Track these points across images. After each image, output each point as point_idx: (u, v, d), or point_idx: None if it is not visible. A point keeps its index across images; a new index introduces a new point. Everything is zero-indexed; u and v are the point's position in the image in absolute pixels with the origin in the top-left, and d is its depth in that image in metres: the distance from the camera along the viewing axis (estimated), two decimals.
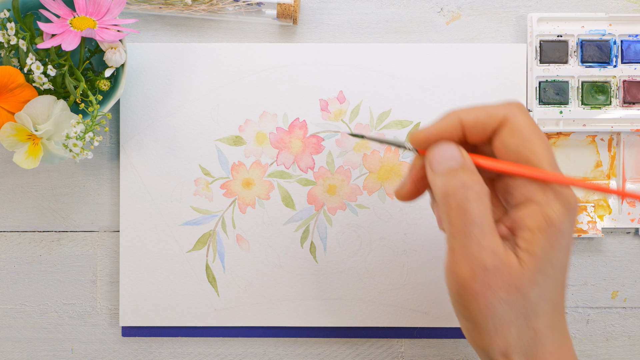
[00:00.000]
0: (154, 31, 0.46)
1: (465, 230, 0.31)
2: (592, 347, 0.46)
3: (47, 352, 0.46)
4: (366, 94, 0.46)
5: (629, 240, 0.46)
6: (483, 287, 0.31)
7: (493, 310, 0.31)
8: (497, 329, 0.32)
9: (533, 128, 0.32)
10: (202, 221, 0.45)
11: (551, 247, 0.32)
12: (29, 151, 0.40)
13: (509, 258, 0.31)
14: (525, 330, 0.32)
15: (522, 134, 0.32)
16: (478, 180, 0.32)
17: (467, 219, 0.31)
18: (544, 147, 0.32)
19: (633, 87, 0.45)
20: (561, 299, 0.33)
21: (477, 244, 0.31)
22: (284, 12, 0.45)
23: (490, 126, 0.33)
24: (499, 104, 0.33)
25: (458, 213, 0.32)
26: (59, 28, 0.40)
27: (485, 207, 0.31)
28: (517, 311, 0.32)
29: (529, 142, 0.32)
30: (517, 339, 0.32)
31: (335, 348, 0.46)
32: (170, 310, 0.45)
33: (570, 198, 0.32)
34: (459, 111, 0.34)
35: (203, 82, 0.46)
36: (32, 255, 0.46)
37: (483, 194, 0.32)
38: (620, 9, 0.47)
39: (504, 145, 0.33)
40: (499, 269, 0.31)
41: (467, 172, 0.32)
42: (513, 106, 0.33)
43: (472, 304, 0.32)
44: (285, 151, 0.46)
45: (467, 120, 0.33)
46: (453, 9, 0.47)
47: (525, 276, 0.31)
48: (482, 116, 0.33)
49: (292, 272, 0.45)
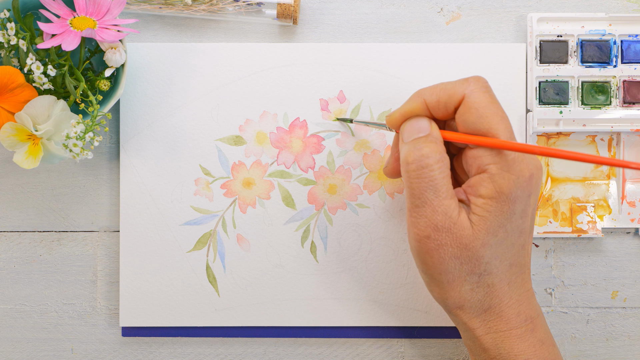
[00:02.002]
0: (154, 31, 0.46)
1: (421, 194, 0.35)
2: (592, 347, 0.46)
3: (47, 352, 0.46)
4: (366, 94, 0.46)
5: (629, 240, 0.46)
6: (435, 244, 0.35)
7: (445, 265, 0.35)
8: (450, 283, 0.36)
9: (489, 104, 0.35)
10: (203, 221, 0.45)
11: (502, 213, 0.35)
12: (29, 151, 0.40)
13: (461, 220, 0.35)
14: (479, 286, 0.36)
15: (477, 111, 0.35)
16: (438, 149, 0.35)
17: (423, 183, 0.35)
18: (500, 122, 0.35)
19: (633, 87, 0.45)
20: (520, 258, 0.37)
21: (430, 206, 0.35)
22: (284, 12, 0.45)
23: (451, 104, 0.36)
24: (458, 81, 0.36)
25: (416, 178, 0.35)
26: (59, 28, 0.40)
27: (441, 174, 0.35)
28: (469, 268, 0.35)
29: (484, 118, 0.35)
30: (470, 293, 0.36)
31: (335, 348, 0.46)
32: (170, 310, 0.45)
33: (524, 169, 0.35)
34: (423, 91, 0.37)
35: (203, 82, 0.46)
36: (32, 255, 0.46)
37: (441, 162, 0.35)
38: (620, 9, 0.47)
39: (463, 121, 0.36)
40: (451, 229, 0.35)
41: (430, 142, 0.36)
42: (471, 83, 0.36)
43: (427, 259, 0.36)
44: (285, 151, 0.46)
45: (430, 101, 0.36)
46: (453, 9, 0.47)
47: (477, 238, 0.35)
48: (443, 96, 0.36)
49: (292, 272, 0.45)
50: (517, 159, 0.35)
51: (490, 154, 0.35)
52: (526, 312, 0.36)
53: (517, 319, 0.36)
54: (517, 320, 0.36)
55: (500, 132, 0.35)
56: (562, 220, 0.46)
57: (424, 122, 0.36)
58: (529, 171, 0.35)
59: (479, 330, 0.37)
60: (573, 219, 0.46)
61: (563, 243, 0.46)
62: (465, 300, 0.36)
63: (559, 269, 0.46)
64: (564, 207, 0.46)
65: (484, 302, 0.36)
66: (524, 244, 0.36)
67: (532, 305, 0.37)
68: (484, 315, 0.36)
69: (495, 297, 0.36)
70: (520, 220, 0.35)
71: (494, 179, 0.35)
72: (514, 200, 0.35)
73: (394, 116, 0.38)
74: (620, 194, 0.46)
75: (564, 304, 0.46)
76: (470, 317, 0.36)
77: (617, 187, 0.46)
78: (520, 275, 0.37)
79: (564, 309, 0.46)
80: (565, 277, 0.46)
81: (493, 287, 0.36)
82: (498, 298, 0.36)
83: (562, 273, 0.46)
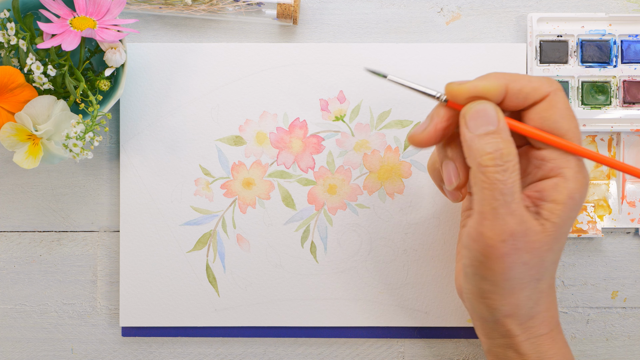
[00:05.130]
0: (154, 31, 0.46)
1: (498, 196, 0.33)
2: (592, 347, 0.46)
3: (47, 352, 0.46)
4: (366, 94, 0.46)
5: (629, 240, 0.46)
6: (510, 249, 0.33)
7: (514, 272, 0.33)
8: (512, 289, 0.34)
9: (570, 109, 0.35)
10: (203, 221, 0.45)
11: (569, 218, 0.34)
12: (29, 151, 0.40)
13: (534, 225, 0.33)
14: (535, 292, 0.35)
15: (561, 111, 0.34)
16: (513, 148, 0.33)
17: (500, 185, 0.33)
18: (577, 127, 0.34)
19: (633, 87, 0.45)
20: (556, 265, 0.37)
21: (507, 209, 0.33)
22: (284, 12, 0.45)
23: (532, 98, 0.34)
24: (542, 78, 0.35)
25: (492, 178, 0.33)
26: (59, 28, 0.40)
27: (516, 175, 0.33)
28: (533, 274, 0.34)
29: (566, 119, 0.34)
30: (526, 300, 0.35)
31: (335, 348, 0.46)
32: (170, 310, 0.45)
33: (586, 176, 0.35)
34: (505, 75, 0.34)
35: (203, 82, 0.46)
36: (32, 255, 0.46)
37: (516, 163, 0.33)
38: (620, 9, 0.47)
39: (541, 117, 0.34)
40: (526, 233, 0.33)
41: (504, 139, 0.33)
42: (555, 84, 0.35)
43: (496, 265, 0.33)
44: (285, 151, 0.46)
45: (513, 88, 0.34)
46: (453, 9, 0.47)
47: (546, 243, 0.34)
48: (527, 87, 0.34)
49: (292, 272, 0.45)
50: (583, 165, 0.35)
51: (565, 157, 0.34)
52: (555, 317, 0.37)
53: (552, 322, 0.36)
54: (552, 323, 0.36)
55: (576, 138, 0.34)
56: None
57: (493, 112, 0.34)
58: (588, 178, 0.35)
59: (521, 337, 0.35)
60: None
61: None
62: (519, 308, 0.35)
63: (559, 269, 0.46)
64: None
65: (533, 308, 0.35)
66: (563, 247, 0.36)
67: (557, 310, 0.37)
68: (530, 321, 0.35)
69: (542, 302, 0.35)
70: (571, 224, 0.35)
71: (567, 184, 0.34)
72: (580, 206, 0.34)
73: (462, 88, 0.34)
74: (620, 194, 0.46)
75: (564, 304, 0.46)
76: (517, 324, 0.35)
77: (617, 187, 0.46)
78: (554, 278, 0.37)
79: (564, 309, 0.46)
80: (565, 277, 0.46)
81: (543, 292, 0.35)
82: (544, 304, 0.35)
83: (562, 273, 0.46)
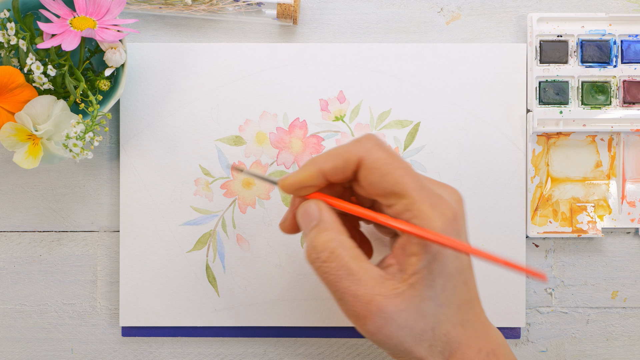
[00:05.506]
0: (154, 31, 0.46)
1: (337, 286, 0.33)
2: (592, 347, 0.46)
3: (47, 352, 0.46)
4: (366, 94, 0.46)
5: (629, 240, 0.46)
6: (376, 327, 0.33)
7: (396, 339, 0.34)
8: (408, 349, 0.34)
9: (388, 160, 0.34)
10: (202, 221, 0.45)
11: (435, 261, 0.33)
12: (29, 151, 0.40)
13: (393, 288, 0.33)
14: (435, 339, 0.34)
15: (379, 170, 0.34)
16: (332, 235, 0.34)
17: (332, 274, 0.33)
18: (404, 174, 0.34)
19: (633, 87, 0.45)
20: (467, 295, 0.35)
21: (352, 295, 0.33)
22: (284, 12, 0.45)
23: (349, 169, 0.35)
24: (352, 143, 0.35)
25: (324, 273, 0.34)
26: (59, 28, 0.40)
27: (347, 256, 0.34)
28: (419, 329, 0.34)
29: (387, 176, 0.34)
30: (429, 349, 0.34)
31: (335, 348, 0.46)
32: (170, 310, 0.45)
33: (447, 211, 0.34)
34: (317, 159, 0.35)
35: (203, 82, 0.46)
36: (32, 255, 0.46)
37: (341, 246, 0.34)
38: (620, 9, 0.47)
39: (368, 182, 0.34)
40: (384, 305, 0.33)
41: (322, 231, 0.34)
42: (365, 144, 0.35)
43: (376, 340, 0.34)
44: (285, 151, 0.46)
45: (326, 169, 0.35)
46: (453, 9, 0.47)
47: (415, 296, 0.33)
48: (339, 162, 0.35)
49: (292, 272, 0.45)
50: (437, 202, 0.34)
51: (408, 208, 0.33)
52: (487, 347, 0.35)
53: (478, 357, 0.35)
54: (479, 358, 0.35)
55: (407, 184, 0.33)
56: (562, 220, 0.46)
57: (314, 208, 0.35)
58: (452, 212, 0.34)
59: None
60: (573, 219, 0.46)
61: (563, 243, 0.46)
62: (427, 357, 0.35)
63: (559, 269, 0.46)
64: (564, 207, 0.46)
65: (444, 352, 0.35)
66: (466, 280, 0.35)
67: (491, 337, 0.36)
68: None
69: (454, 342, 0.35)
70: (456, 260, 0.34)
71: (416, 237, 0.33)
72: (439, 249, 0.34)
73: (287, 182, 0.36)
74: (620, 194, 0.46)
75: (564, 304, 0.46)
76: None
77: (617, 187, 0.46)
78: (472, 311, 0.36)
79: (564, 309, 0.46)
80: (565, 277, 0.46)
81: (449, 334, 0.34)
82: (457, 342, 0.35)
83: (562, 273, 0.46)
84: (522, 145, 0.45)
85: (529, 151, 0.46)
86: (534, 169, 0.46)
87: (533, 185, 0.46)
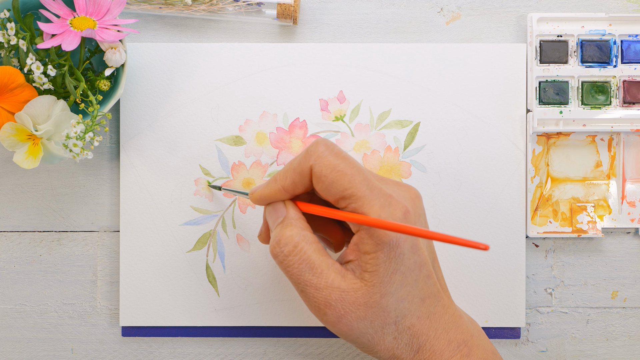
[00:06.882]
0: (154, 31, 0.46)
1: (299, 279, 0.35)
2: (592, 347, 0.46)
3: (47, 352, 0.46)
4: (366, 94, 0.46)
5: (629, 240, 0.46)
6: (336, 317, 0.35)
7: (357, 330, 0.35)
8: (371, 341, 0.35)
9: (335, 167, 0.35)
10: (202, 221, 0.45)
11: (390, 259, 0.34)
12: (29, 151, 0.40)
13: (352, 284, 0.35)
14: (400, 332, 0.35)
15: (326, 179, 0.35)
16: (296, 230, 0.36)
17: (295, 267, 0.35)
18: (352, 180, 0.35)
19: (633, 87, 0.45)
20: (431, 288, 0.36)
21: (313, 287, 0.35)
22: (284, 12, 0.45)
23: (306, 181, 0.36)
24: (303, 155, 0.36)
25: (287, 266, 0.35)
26: (59, 28, 0.40)
27: (310, 250, 0.35)
28: (381, 322, 0.35)
29: (334, 183, 0.35)
30: (394, 342, 0.35)
31: (335, 348, 0.46)
32: (170, 310, 0.45)
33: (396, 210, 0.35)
34: (278, 177, 0.37)
35: (203, 82, 0.46)
36: (32, 255, 0.46)
37: (304, 240, 0.35)
38: (620, 9, 0.47)
39: (319, 190, 0.36)
40: (343, 298, 0.35)
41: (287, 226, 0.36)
42: (313, 154, 0.36)
43: (337, 331, 0.35)
44: (285, 151, 0.46)
45: (286, 185, 0.37)
46: (453, 9, 0.47)
47: (374, 292, 0.34)
48: (296, 176, 0.36)
49: None
50: (386, 202, 0.34)
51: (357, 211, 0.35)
52: (457, 338, 0.36)
53: (449, 348, 0.36)
54: (450, 350, 0.36)
55: (355, 188, 0.35)
56: (562, 220, 0.46)
57: (280, 206, 0.37)
58: (401, 210, 0.35)
59: None
60: (573, 219, 0.46)
61: (563, 243, 0.46)
62: (394, 349, 0.36)
63: (559, 269, 0.46)
64: (564, 207, 0.46)
65: (412, 344, 0.35)
66: (428, 274, 0.36)
67: (462, 328, 0.36)
68: (417, 356, 0.36)
69: (421, 335, 0.35)
70: (414, 256, 0.35)
71: (370, 232, 0.34)
72: (398, 243, 0.34)
73: (255, 196, 0.38)
74: (620, 194, 0.46)
75: (564, 304, 0.46)
76: None
77: (617, 187, 0.46)
78: (439, 304, 0.36)
79: (564, 309, 0.46)
80: (565, 277, 0.46)
81: (413, 327, 0.35)
82: (424, 335, 0.35)
83: (562, 273, 0.46)
84: (522, 145, 0.45)
85: (529, 151, 0.46)
86: (534, 169, 0.46)
87: (533, 185, 0.46)
